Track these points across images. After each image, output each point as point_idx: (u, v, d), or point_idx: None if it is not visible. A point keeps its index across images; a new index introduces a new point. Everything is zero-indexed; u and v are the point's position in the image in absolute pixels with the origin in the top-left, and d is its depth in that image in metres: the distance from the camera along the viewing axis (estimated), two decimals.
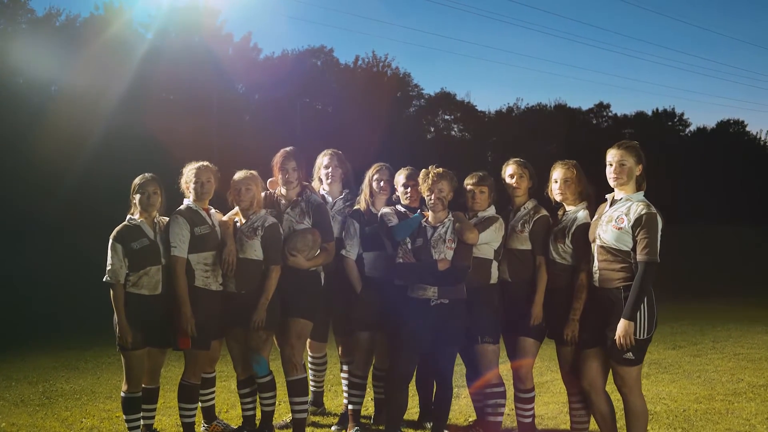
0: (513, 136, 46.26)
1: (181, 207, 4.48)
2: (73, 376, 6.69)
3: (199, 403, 4.66)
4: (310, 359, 5.34)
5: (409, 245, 4.37)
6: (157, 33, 35.05)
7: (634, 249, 3.88)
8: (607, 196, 4.14)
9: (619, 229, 3.91)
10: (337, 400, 5.61)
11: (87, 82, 29.25)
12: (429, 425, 4.82)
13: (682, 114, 61.63)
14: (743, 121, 64.08)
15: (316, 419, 5.19)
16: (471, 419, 5.08)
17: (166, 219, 4.48)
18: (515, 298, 4.47)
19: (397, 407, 4.43)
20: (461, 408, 5.37)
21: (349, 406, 4.85)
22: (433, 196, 4.34)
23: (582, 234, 4.21)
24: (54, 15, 34.56)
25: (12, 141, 26.81)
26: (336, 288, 4.82)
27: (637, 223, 3.86)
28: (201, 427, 4.83)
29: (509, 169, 4.59)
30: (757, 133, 65.22)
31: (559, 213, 4.46)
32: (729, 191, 53.59)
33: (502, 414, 4.56)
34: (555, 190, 4.44)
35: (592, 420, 4.30)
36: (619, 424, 4.21)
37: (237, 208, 4.60)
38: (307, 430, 4.75)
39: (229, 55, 38.45)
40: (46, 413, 5.37)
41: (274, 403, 4.65)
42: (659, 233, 3.86)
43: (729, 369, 6.75)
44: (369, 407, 5.28)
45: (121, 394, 4.45)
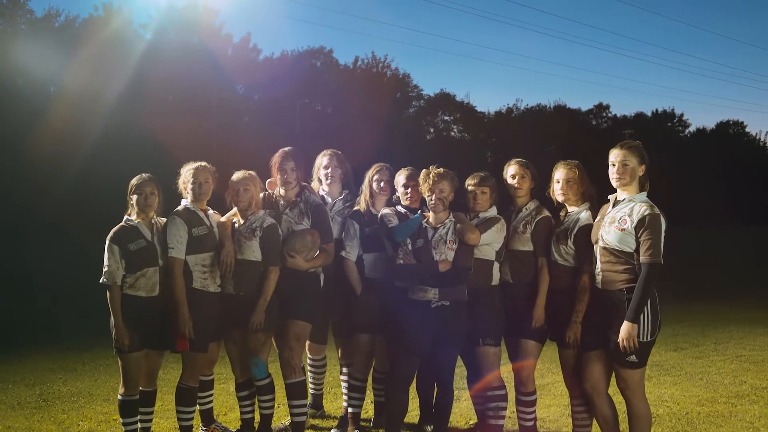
0: (512, 137, 46.24)
1: (179, 208, 4.44)
2: (70, 378, 6.65)
3: (197, 406, 4.62)
4: (309, 361, 5.30)
5: (409, 246, 4.33)
6: (156, 33, 35.12)
7: (637, 250, 3.84)
8: (609, 196, 4.10)
9: (622, 230, 3.86)
10: (336, 402, 5.57)
11: (86, 83, 29.27)
12: (429, 428, 4.78)
13: (682, 115, 61.91)
14: (743, 122, 64.46)
15: (316, 422, 5.16)
16: (472, 422, 5.04)
17: (164, 220, 4.44)
18: (517, 300, 4.43)
19: (398, 410, 4.40)
20: (462, 411, 5.32)
21: (349, 409, 4.82)
22: (434, 197, 4.30)
23: (584, 235, 4.17)
24: (53, 16, 34.62)
25: (12, 141, 26.84)
26: (336, 290, 4.78)
27: (641, 224, 3.81)
28: (199, 430, 4.78)
29: (511, 170, 4.54)
30: (756, 133, 65.51)
31: (561, 214, 4.41)
32: (728, 192, 53.58)
33: (504, 417, 4.52)
34: (557, 191, 4.39)
35: (595, 423, 4.26)
36: (622, 427, 4.19)
37: (235, 209, 4.57)
38: None
39: (229, 56, 38.48)
40: (42, 416, 5.33)
41: (273, 406, 4.61)
42: (663, 234, 3.82)
43: (731, 371, 6.71)
44: (369, 410, 5.23)
45: (118, 397, 4.40)
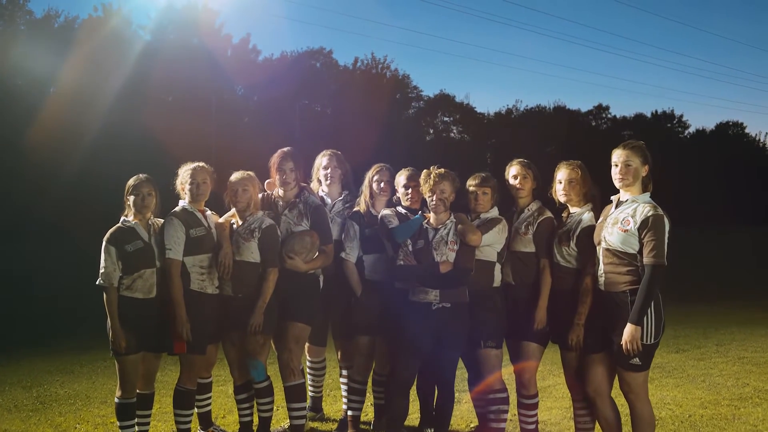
0: (512, 138, 46.22)
1: (177, 209, 4.40)
2: (68, 380, 6.60)
3: (195, 409, 4.58)
4: (308, 364, 5.26)
5: (410, 247, 4.29)
6: (155, 34, 35.11)
7: (640, 252, 3.79)
8: (612, 197, 4.06)
9: (625, 231, 3.82)
10: (336, 405, 5.52)
11: (86, 83, 29.29)
12: (430, 431, 4.73)
13: (681, 116, 61.85)
14: (742, 123, 64.44)
15: (315, 425, 5.11)
16: (473, 425, 5.00)
17: (161, 221, 4.40)
18: (518, 302, 4.38)
19: (398, 413, 4.36)
20: (463, 414, 5.27)
21: (349, 412, 4.78)
22: (434, 197, 4.25)
23: (587, 236, 4.12)
24: (53, 16, 34.63)
25: (11, 141, 26.82)
26: (335, 291, 4.74)
27: (644, 225, 3.77)
28: None
29: (513, 170, 4.49)
30: (756, 134, 65.52)
31: (564, 215, 4.37)
32: (728, 193, 53.58)
33: (505, 420, 4.47)
34: (559, 191, 4.34)
35: (597, 426, 4.21)
36: (625, 430, 4.13)
37: (233, 210, 4.52)
38: None
39: (228, 56, 38.46)
40: (39, 419, 5.28)
41: (271, 409, 4.57)
42: (666, 235, 3.78)
43: (734, 373, 6.66)
44: (369, 413, 5.18)
45: (115, 400, 4.36)
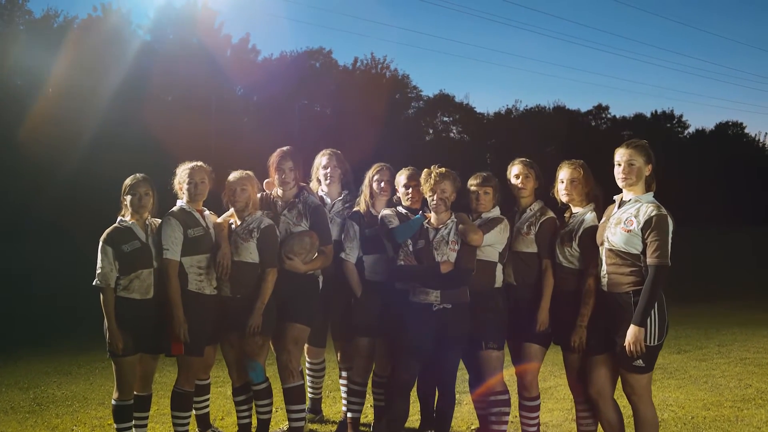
0: (512, 138, 46.17)
1: (174, 208, 4.35)
2: (65, 381, 6.55)
3: (193, 411, 4.54)
4: (308, 365, 5.21)
5: (410, 247, 4.24)
6: (154, 33, 35.06)
7: (643, 252, 3.75)
8: (615, 197, 4.01)
9: (629, 231, 3.78)
10: (335, 407, 5.47)
11: (85, 83, 29.21)
12: None
13: (681, 116, 61.75)
14: (742, 123, 64.36)
15: (314, 427, 5.08)
16: (474, 427, 4.96)
17: (159, 221, 4.35)
18: (520, 303, 4.33)
19: (398, 415, 4.32)
20: (464, 416, 5.23)
21: (348, 414, 4.74)
22: (435, 197, 4.20)
23: (589, 237, 4.07)
24: (52, 16, 34.49)
25: (10, 141, 26.76)
26: (335, 292, 4.70)
27: (647, 225, 3.72)
28: None
29: (515, 169, 4.45)
30: (756, 134, 65.43)
31: (566, 215, 4.32)
32: (729, 193, 53.55)
33: (507, 422, 4.43)
34: (561, 191, 4.29)
35: (599, 428, 4.17)
36: None
37: (232, 210, 4.47)
38: None
39: (228, 56, 38.39)
40: (36, 421, 5.23)
41: (270, 411, 4.52)
42: (670, 235, 3.73)
43: (736, 374, 6.62)
44: (368, 415, 5.14)
45: (112, 401, 4.31)
